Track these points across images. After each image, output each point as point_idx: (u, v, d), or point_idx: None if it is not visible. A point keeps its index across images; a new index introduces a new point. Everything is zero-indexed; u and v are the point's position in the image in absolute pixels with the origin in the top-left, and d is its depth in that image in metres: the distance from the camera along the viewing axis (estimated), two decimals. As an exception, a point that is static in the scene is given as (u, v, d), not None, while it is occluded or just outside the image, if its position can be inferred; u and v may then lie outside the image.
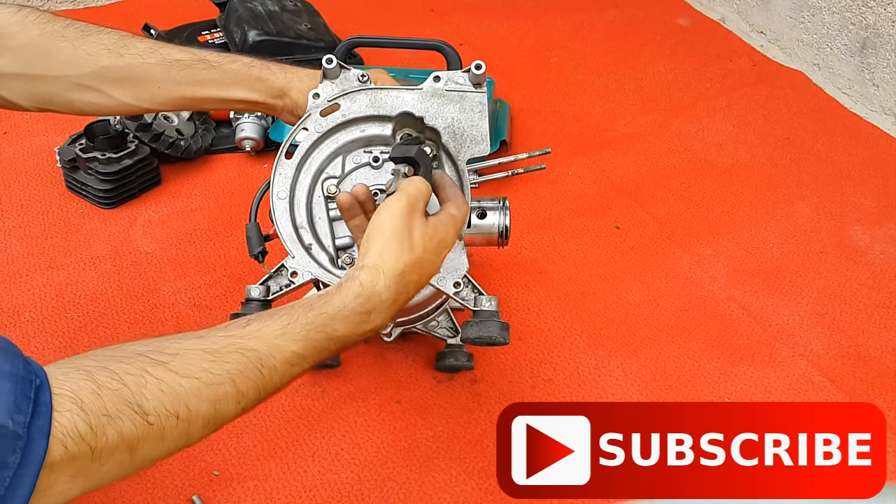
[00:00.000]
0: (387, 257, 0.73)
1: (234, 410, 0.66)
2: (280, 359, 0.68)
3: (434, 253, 0.77)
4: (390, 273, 0.72)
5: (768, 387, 1.19)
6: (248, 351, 0.66)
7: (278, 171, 0.87)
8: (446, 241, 0.78)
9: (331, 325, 0.70)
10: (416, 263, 0.74)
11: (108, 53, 0.89)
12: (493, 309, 0.91)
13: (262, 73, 0.93)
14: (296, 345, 0.69)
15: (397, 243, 0.73)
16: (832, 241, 1.45)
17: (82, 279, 1.31)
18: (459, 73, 0.89)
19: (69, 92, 0.90)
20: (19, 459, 0.55)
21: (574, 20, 2.12)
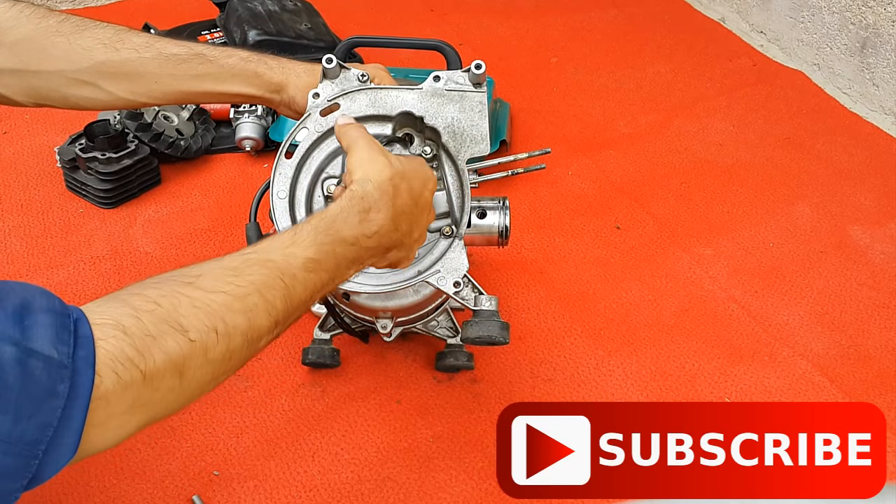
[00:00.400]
0: (370, 170, 0.76)
1: (267, 323, 0.67)
2: (297, 265, 0.69)
3: (412, 171, 0.79)
4: (377, 179, 0.75)
5: (768, 387, 1.19)
6: (267, 262, 0.68)
7: (278, 170, 0.87)
8: (422, 167, 0.82)
9: (334, 227, 0.72)
10: (401, 173, 0.77)
11: (103, 48, 0.89)
12: (493, 308, 0.91)
13: (259, 67, 0.94)
14: (308, 250, 0.70)
15: (374, 161, 0.76)
16: (832, 241, 1.45)
17: (82, 279, 1.31)
18: (459, 73, 0.89)
19: (65, 87, 0.90)
20: (68, 389, 0.54)
21: (574, 20, 2.12)
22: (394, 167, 0.77)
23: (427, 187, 0.81)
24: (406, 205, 0.78)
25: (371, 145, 0.78)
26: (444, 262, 0.88)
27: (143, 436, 1.07)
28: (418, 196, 0.79)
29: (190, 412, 1.11)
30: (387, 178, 0.76)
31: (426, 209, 0.82)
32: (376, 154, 0.77)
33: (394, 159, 0.78)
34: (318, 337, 1.17)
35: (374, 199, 0.75)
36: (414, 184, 0.79)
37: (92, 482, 1.02)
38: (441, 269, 0.87)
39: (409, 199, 0.78)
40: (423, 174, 0.81)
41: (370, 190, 0.75)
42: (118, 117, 1.47)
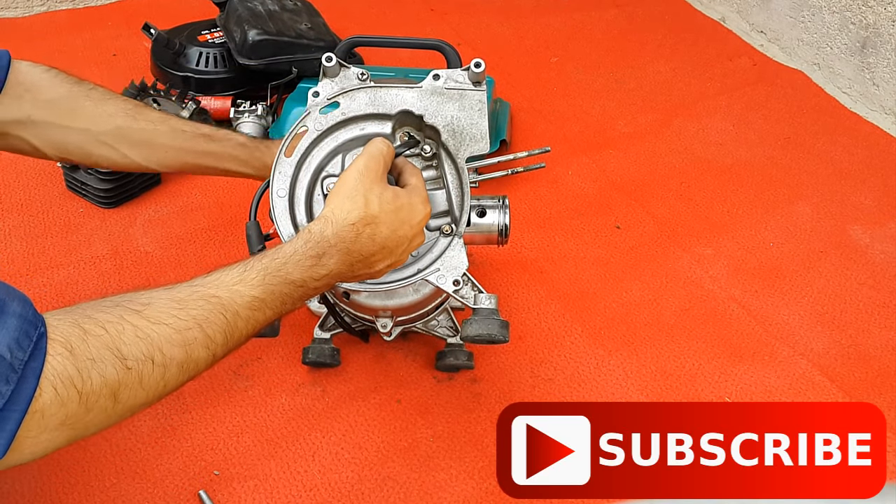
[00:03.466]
0: (337, 211, 0.79)
1: (204, 356, 0.70)
2: (241, 303, 0.73)
3: (391, 214, 0.81)
4: (339, 223, 0.78)
5: (768, 386, 1.19)
6: (211, 297, 0.71)
7: (278, 169, 0.87)
8: (410, 209, 0.83)
9: (284, 269, 0.76)
10: (370, 219, 0.79)
11: (125, 116, 1.01)
12: (492, 307, 0.91)
13: (254, 153, 1.06)
14: (254, 290, 0.74)
15: (349, 199, 0.79)
16: (832, 241, 1.45)
17: (82, 278, 1.31)
18: (459, 72, 0.89)
19: (88, 145, 1.01)
20: (10, 392, 0.58)
21: (574, 20, 2.12)
22: (366, 211, 0.79)
23: (404, 221, 0.82)
24: (366, 250, 0.80)
25: (361, 178, 0.80)
26: (443, 261, 0.88)
27: (144, 435, 1.08)
28: (387, 239, 0.81)
29: (190, 412, 1.11)
30: (349, 224, 0.78)
31: (401, 245, 0.83)
32: (357, 192, 0.79)
33: (374, 201, 0.80)
34: (319, 336, 1.16)
35: (329, 244, 0.78)
36: (382, 229, 0.80)
37: (92, 482, 1.02)
38: (441, 268, 0.87)
39: (372, 244, 0.80)
40: (404, 217, 0.82)
41: (328, 235, 0.78)
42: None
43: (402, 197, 0.83)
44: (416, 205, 0.84)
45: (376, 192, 0.80)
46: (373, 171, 0.81)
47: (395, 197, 0.82)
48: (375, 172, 0.82)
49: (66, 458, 1.05)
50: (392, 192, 0.82)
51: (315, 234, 0.78)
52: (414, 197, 0.84)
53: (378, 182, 0.81)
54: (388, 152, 0.84)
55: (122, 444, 1.07)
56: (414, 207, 0.83)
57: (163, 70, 1.69)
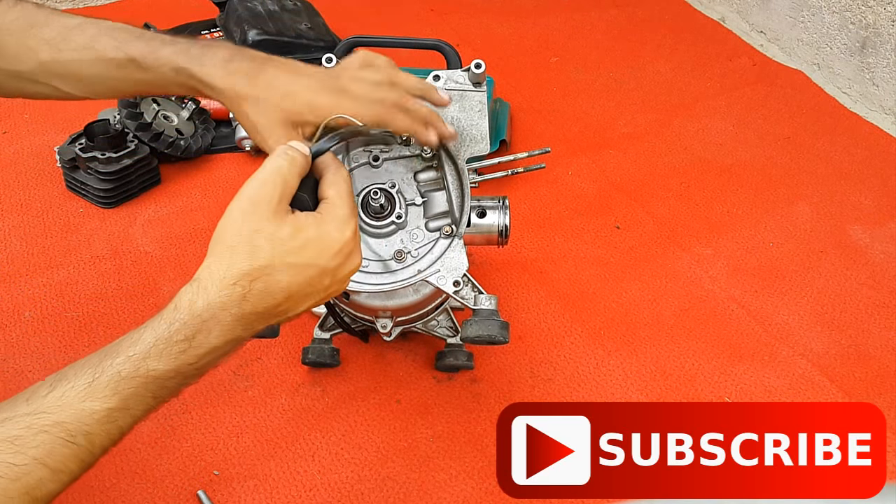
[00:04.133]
0: (215, 268, 0.63)
1: (56, 487, 0.60)
2: (93, 421, 0.60)
3: (291, 255, 0.65)
4: (216, 287, 0.63)
5: (768, 386, 1.19)
6: (53, 426, 0.59)
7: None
8: (318, 243, 0.66)
9: (144, 366, 0.62)
10: (258, 272, 0.63)
11: (48, 49, 0.86)
12: (492, 308, 0.91)
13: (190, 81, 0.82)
14: (108, 402, 0.61)
15: (230, 249, 0.64)
16: (832, 241, 1.45)
17: (82, 279, 1.31)
18: (459, 73, 0.89)
19: (21, 84, 0.89)
20: None
21: (574, 20, 2.12)
22: (251, 264, 0.63)
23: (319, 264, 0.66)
24: (262, 306, 0.65)
25: (244, 217, 0.64)
26: (443, 262, 0.88)
27: (143, 435, 1.08)
28: (291, 285, 0.65)
29: (190, 412, 1.11)
30: (229, 284, 0.63)
31: (319, 283, 0.67)
32: (239, 237, 0.64)
33: (263, 246, 0.63)
34: (318, 336, 1.17)
35: (201, 320, 0.62)
36: (280, 278, 0.64)
37: (92, 482, 1.02)
38: (441, 269, 0.87)
39: (270, 298, 0.65)
40: (311, 255, 0.66)
41: (198, 309, 0.62)
42: (118, 117, 1.47)
43: (308, 228, 0.66)
44: (329, 233, 0.67)
45: (266, 233, 0.64)
46: (263, 204, 0.65)
47: (297, 231, 0.65)
48: (267, 204, 0.65)
49: (66, 459, 1.05)
50: (291, 225, 0.65)
51: (182, 310, 0.62)
52: (326, 223, 0.67)
53: (269, 218, 0.64)
54: (294, 165, 0.67)
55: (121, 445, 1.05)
56: (325, 238, 0.66)
57: (163, 70, 1.68)
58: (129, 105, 1.45)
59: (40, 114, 1.66)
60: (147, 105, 1.50)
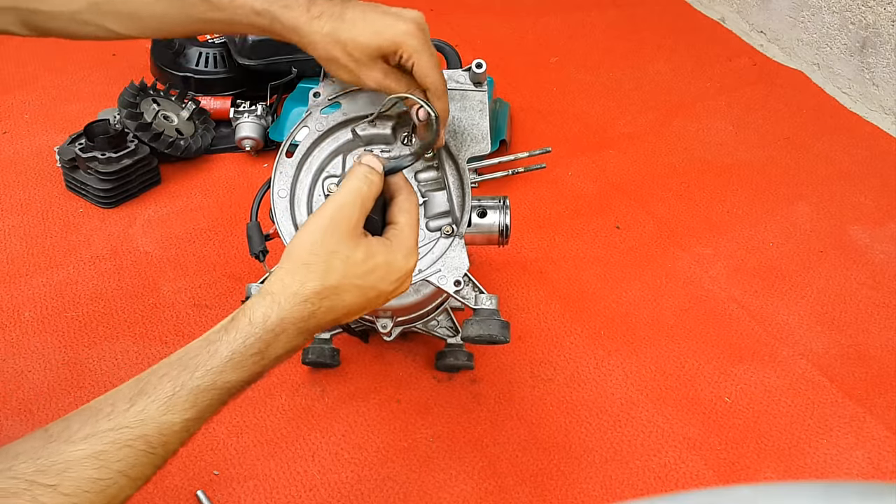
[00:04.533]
0: (289, 282, 0.66)
1: (133, 492, 0.64)
2: (171, 432, 0.64)
3: (359, 279, 0.68)
4: (290, 302, 0.65)
5: (768, 386, 1.19)
6: (136, 440, 0.62)
7: (279, 169, 0.87)
8: (386, 269, 0.69)
9: (221, 379, 0.64)
10: (329, 291, 0.66)
11: None
12: (493, 307, 0.91)
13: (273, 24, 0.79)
14: (186, 413, 0.64)
15: (305, 267, 0.66)
16: (832, 241, 1.45)
17: (82, 279, 1.31)
18: (460, 72, 0.88)
19: (68, 25, 0.86)
20: None
21: (574, 20, 2.12)
22: (324, 283, 0.66)
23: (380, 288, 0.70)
24: (324, 321, 0.68)
25: (324, 236, 0.67)
26: (444, 261, 0.87)
27: (143, 435, 1.07)
28: (352, 305, 0.69)
29: (190, 412, 1.11)
30: (301, 301, 0.66)
31: (373, 303, 0.71)
32: (316, 256, 0.66)
33: (337, 267, 0.66)
34: (318, 336, 1.16)
35: (273, 334, 0.65)
36: (346, 298, 0.68)
37: (92, 482, 1.02)
38: (441, 268, 0.87)
39: (332, 313, 0.68)
40: (377, 280, 0.69)
41: (272, 323, 0.65)
42: (118, 117, 1.47)
43: (379, 255, 0.69)
44: (397, 261, 0.70)
45: (342, 256, 0.67)
46: (342, 226, 0.67)
47: (368, 257, 0.68)
48: (346, 226, 0.68)
49: (67, 459, 1.05)
50: (364, 249, 0.68)
51: (257, 325, 0.65)
52: (395, 252, 0.70)
53: (346, 239, 0.67)
54: (372, 188, 0.70)
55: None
56: (392, 266, 0.70)
57: (162, 70, 1.69)
58: (129, 105, 1.45)
59: (40, 114, 1.66)
60: (147, 105, 1.50)
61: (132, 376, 0.65)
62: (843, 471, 1.08)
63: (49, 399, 1.12)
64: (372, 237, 0.70)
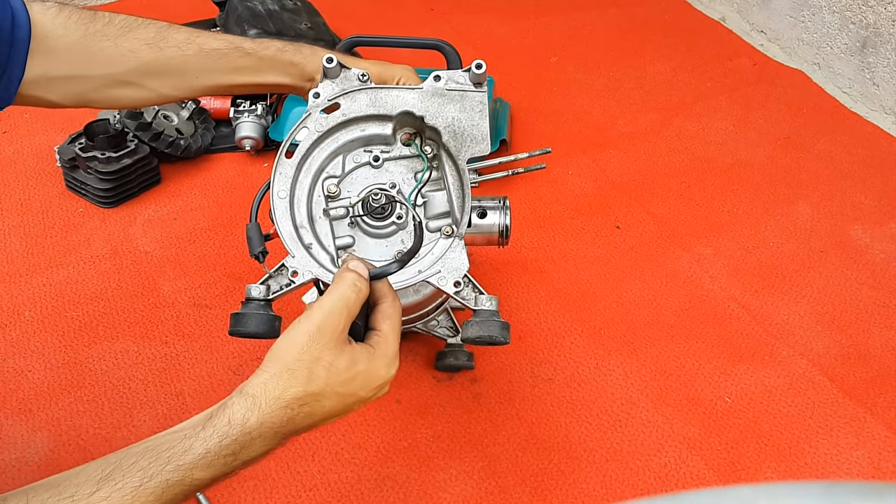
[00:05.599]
0: (272, 387, 0.66)
1: None
2: None
3: (341, 386, 0.68)
4: (270, 407, 0.65)
5: (768, 386, 1.19)
6: None
7: (279, 170, 0.87)
8: (366, 376, 0.70)
9: (190, 476, 0.63)
10: (312, 397, 0.67)
11: (148, 48, 0.91)
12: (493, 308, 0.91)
13: (295, 57, 0.96)
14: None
15: (289, 372, 0.66)
16: (832, 241, 1.45)
17: (82, 278, 1.31)
18: (460, 73, 0.88)
19: (110, 88, 0.92)
20: None
21: (574, 19, 2.12)
22: (306, 389, 0.66)
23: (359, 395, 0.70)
24: (300, 426, 0.68)
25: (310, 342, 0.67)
26: (444, 262, 0.87)
27: (144, 435, 1.07)
28: (331, 410, 0.69)
29: (190, 412, 1.11)
30: (282, 406, 0.65)
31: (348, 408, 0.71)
32: (300, 362, 0.66)
33: (320, 374, 0.66)
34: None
35: (250, 438, 0.65)
36: (325, 404, 0.68)
37: (92, 482, 1.02)
38: (441, 269, 0.87)
39: (309, 419, 0.68)
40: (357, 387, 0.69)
41: (250, 426, 0.64)
42: (118, 116, 1.47)
43: (361, 363, 0.69)
44: (377, 370, 0.70)
45: (326, 363, 0.67)
46: (328, 333, 0.67)
47: (352, 364, 0.68)
48: (332, 333, 0.67)
49: (66, 459, 1.05)
50: (348, 357, 0.68)
51: (235, 426, 0.64)
52: (377, 360, 0.70)
53: (331, 347, 0.67)
54: (359, 295, 0.70)
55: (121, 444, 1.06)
56: (373, 374, 0.70)
57: (163, 70, 1.68)
58: (129, 105, 1.45)
59: (40, 114, 1.66)
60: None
61: (132, 376, 0.65)
62: (843, 470, 1.08)
63: (49, 399, 1.12)
64: (356, 344, 0.70)
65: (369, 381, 0.70)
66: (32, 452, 1.06)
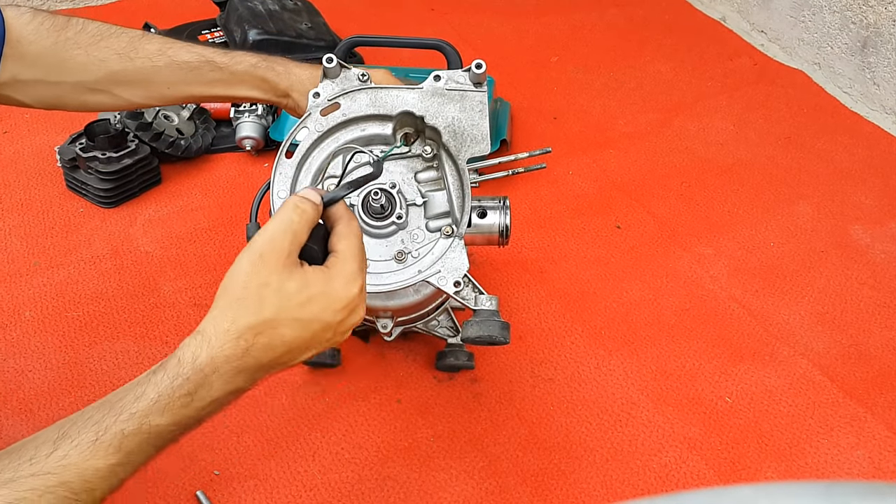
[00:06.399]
0: (221, 320, 0.64)
1: None
2: (97, 478, 0.60)
3: (297, 310, 0.64)
4: (220, 340, 0.63)
5: (768, 386, 1.19)
6: (58, 487, 0.59)
7: (279, 170, 0.87)
8: (325, 298, 0.66)
9: (146, 422, 0.61)
10: (263, 326, 0.63)
11: (118, 58, 0.92)
12: (493, 308, 0.91)
13: (267, 74, 0.97)
14: (111, 457, 0.61)
15: (237, 301, 0.64)
16: (833, 241, 1.45)
17: (82, 278, 1.31)
18: (460, 73, 0.88)
19: (81, 95, 0.93)
20: None
21: (574, 19, 2.12)
22: (257, 317, 0.63)
23: (324, 318, 0.66)
24: (265, 359, 0.65)
25: (253, 268, 0.64)
26: (444, 262, 0.87)
27: (144, 435, 1.07)
28: (295, 340, 0.65)
29: (190, 412, 1.11)
30: (233, 338, 0.63)
31: (321, 336, 0.67)
32: (247, 290, 0.63)
33: (269, 299, 0.63)
34: (319, 336, 1.16)
35: (203, 374, 0.62)
36: (285, 332, 0.64)
37: (92, 482, 1.02)
38: (441, 269, 0.87)
39: (271, 351, 0.65)
40: (317, 310, 0.65)
41: (201, 363, 0.62)
42: (118, 117, 1.46)
43: (315, 284, 0.65)
44: (336, 290, 0.66)
45: (274, 287, 0.63)
46: (272, 257, 0.64)
47: (304, 287, 0.65)
48: (277, 256, 0.64)
49: (67, 459, 1.05)
50: (299, 279, 0.65)
51: (185, 364, 0.62)
52: (333, 279, 0.66)
53: (278, 271, 0.64)
54: (303, 216, 0.66)
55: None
56: (332, 294, 0.66)
57: (163, 70, 1.68)
58: (130, 105, 1.45)
59: (41, 114, 1.66)
60: (147, 105, 1.50)
61: (133, 376, 0.65)
62: (843, 470, 1.08)
63: (49, 399, 1.13)
64: (308, 267, 0.67)
65: (330, 303, 0.66)
66: (33, 452, 1.06)
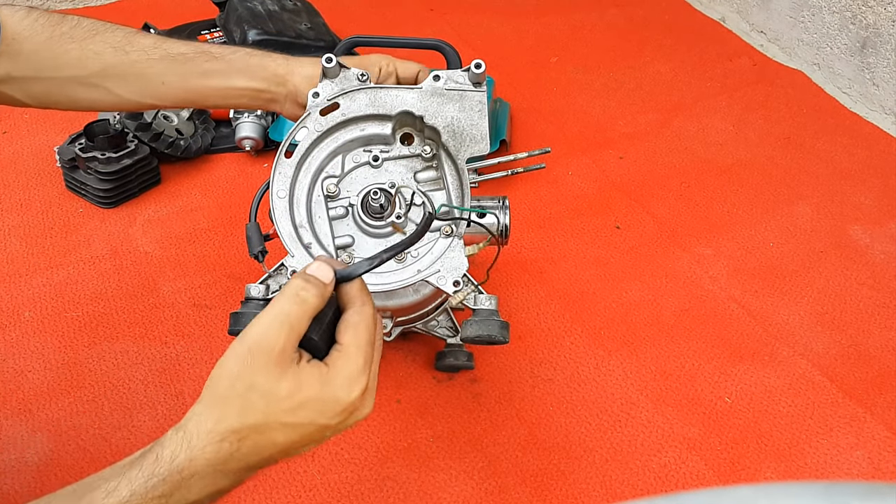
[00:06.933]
0: (204, 418, 0.57)
1: None
2: None
3: (288, 416, 0.58)
4: (202, 441, 0.57)
5: (768, 386, 1.19)
6: None
7: (278, 170, 0.87)
8: (320, 404, 0.59)
9: None
10: (252, 430, 0.57)
11: (113, 51, 0.90)
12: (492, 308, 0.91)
13: (264, 60, 0.94)
14: None
15: (222, 401, 0.57)
16: (832, 241, 1.45)
17: (82, 279, 1.31)
18: (459, 73, 0.88)
19: (75, 90, 0.91)
20: None
21: (574, 19, 2.12)
22: (241, 421, 0.57)
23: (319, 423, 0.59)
24: (252, 461, 0.59)
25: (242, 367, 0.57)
26: (443, 262, 0.87)
27: (143, 435, 1.07)
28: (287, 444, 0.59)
29: (190, 412, 1.11)
30: (215, 441, 0.57)
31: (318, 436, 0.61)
32: (232, 390, 0.57)
33: (256, 403, 0.57)
34: (318, 337, 1.16)
35: (181, 477, 0.56)
36: (275, 437, 0.58)
37: (91, 482, 1.02)
38: (441, 269, 0.87)
39: (260, 453, 0.59)
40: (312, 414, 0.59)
41: (179, 463, 0.56)
42: (118, 117, 1.46)
43: (310, 387, 0.58)
44: (333, 393, 0.59)
45: (262, 391, 0.56)
46: (262, 355, 0.57)
47: (296, 390, 0.57)
48: (267, 356, 0.57)
49: (66, 459, 1.05)
50: (291, 382, 0.57)
51: (163, 463, 0.56)
52: (331, 381, 0.59)
53: (268, 371, 0.57)
54: (304, 306, 0.59)
55: (121, 445, 1.07)
56: (327, 400, 0.59)
57: (162, 70, 1.68)
58: (129, 105, 1.45)
59: (41, 114, 1.66)
60: (147, 105, 1.50)
61: (132, 377, 0.65)
62: (843, 471, 1.08)
63: (49, 399, 1.12)
64: (305, 364, 0.59)
65: (326, 408, 0.59)
66: (32, 453, 1.06)
